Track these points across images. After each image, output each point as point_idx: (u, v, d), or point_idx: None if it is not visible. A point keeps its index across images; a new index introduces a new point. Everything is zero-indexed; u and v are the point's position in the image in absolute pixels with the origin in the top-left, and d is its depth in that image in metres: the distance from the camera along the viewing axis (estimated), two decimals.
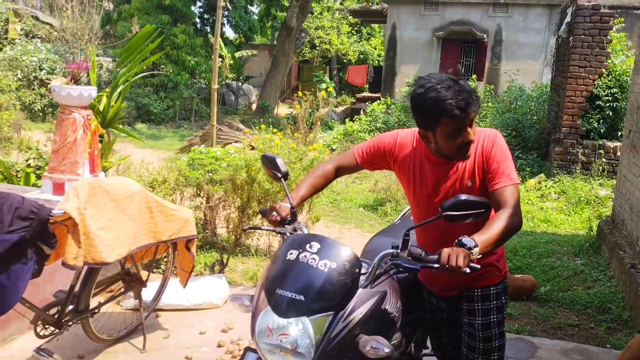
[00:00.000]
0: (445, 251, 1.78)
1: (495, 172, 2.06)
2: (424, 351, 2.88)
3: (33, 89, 13.70)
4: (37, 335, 3.03)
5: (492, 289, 2.29)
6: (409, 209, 3.48)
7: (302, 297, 1.77)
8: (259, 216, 4.70)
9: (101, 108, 4.68)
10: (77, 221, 2.71)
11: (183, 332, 3.76)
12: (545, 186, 8.61)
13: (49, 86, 6.32)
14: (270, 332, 1.77)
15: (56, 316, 3.06)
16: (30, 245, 2.60)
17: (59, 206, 2.76)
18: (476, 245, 1.79)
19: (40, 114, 13.68)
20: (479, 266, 1.78)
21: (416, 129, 2.22)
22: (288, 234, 2.16)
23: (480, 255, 1.81)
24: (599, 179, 8.62)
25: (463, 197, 1.80)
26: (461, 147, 2.05)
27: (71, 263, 2.71)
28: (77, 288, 3.15)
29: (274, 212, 2.19)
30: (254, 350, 1.94)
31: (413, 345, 2.74)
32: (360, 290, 1.89)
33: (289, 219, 2.21)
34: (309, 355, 1.74)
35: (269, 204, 4.54)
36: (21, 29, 16.06)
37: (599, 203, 7.85)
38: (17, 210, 2.54)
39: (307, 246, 1.88)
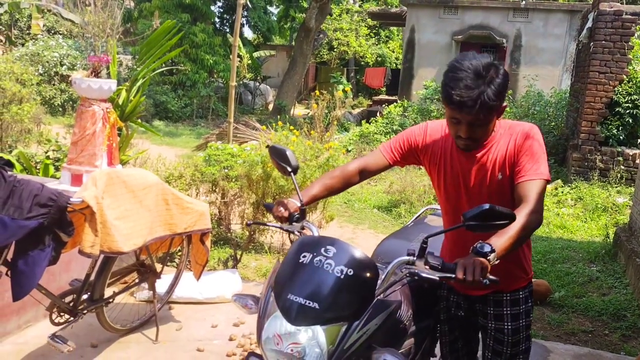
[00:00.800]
0: (461, 263, 1.68)
1: (523, 165, 1.96)
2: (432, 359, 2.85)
3: (53, 84, 13.89)
4: (52, 322, 3.08)
5: (520, 293, 2.22)
6: (423, 211, 3.44)
7: (316, 305, 1.68)
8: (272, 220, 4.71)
9: (120, 102, 4.73)
10: (94, 210, 2.75)
11: (195, 325, 3.79)
12: (562, 192, 8.53)
13: (70, 79, 6.40)
14: (279, 339, 1.68)
15: (71, 304, 3.10)
16: (48, 232, 2.64)
17: (77, 195, 2.80)
18: (493, 251, 1.70)
19: (60, 109, 13.86)
20: (497, 279, 1.68)
21: (442, 121, 2.17)
22: (296, 232, 2.08)
23: (498, 261, 1.72)
24: (616, 187, 8.52)
25: (487, 206, 1.66)
26: (456, 138, 2.01)
27: (88, 251, 2.75)
28: (92, 277, 3.19)
29: (281, 207, 2.07)
30: (258, 356, 1.87)
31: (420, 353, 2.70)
32: (375, 299, 1.80)
33: (297, 216, 2.08)
34: None
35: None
36: (44, 25, 16.28)
37: (616, 210, 7.76)
38: (36, 197, 2.58)
39: (322, 250, 1.79)
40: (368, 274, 1.78)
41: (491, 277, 1.67)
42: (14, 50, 14.57)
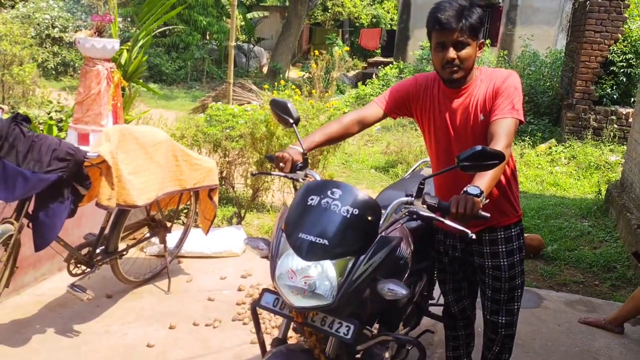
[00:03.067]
0: (454, 199, 1.82)
1: (498, 105, 2.12)
2: (430, 302, 3.01)
3: (45, 47, 13.73)
4: (70, 273, 3.21)
5: (512, 230, 2.38)
6: (418, 165, 3.56)
7: (325, 242, 1.80)
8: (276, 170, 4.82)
9: (122, 62, 4.77)
10: (110, 164, 2.85)
11: (204, 278, 3.94)
12: (556, 151, 8.67)
13: (73, 38, 6.37)
14: (294, 274, 1.79)
15: (87, 256, 3.23)
16: (66, 186, 2.75)
17: (93, 149, 2.89)
18: (482, 192, 1.84)
19: (53, 72, 13.74)
20: (488, 215, 1.84)
21: (430, 73, 2.34)
22: (300, 179, 2.18)
23: (488, 200, 1.89)
24: (609, 145, 8.67)
25: (479, 148, 1.79)
26: (443, 65, 2.13)
27: (105, 203, 2.86)
28: (107, 231, 3.31)
29: (284, 156, 2.19)
30: (272, 292, 2.00)
31: (419, 295, 2.83)
32: (379, 235, 1.93)
33: (300, 164, 2.20)
34: (332, 296, 1.78)
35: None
36: None
37: (608, 168, 7.93)
38: (55, 152, 2.67)
39: (329, 192, 1.90)
40: (372, 213, 1.90)
41: (482, 212, 1.82)
42: (4, 12, 14.33)
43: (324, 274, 1.78)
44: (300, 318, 1.90)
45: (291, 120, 2.25)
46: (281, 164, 2.17)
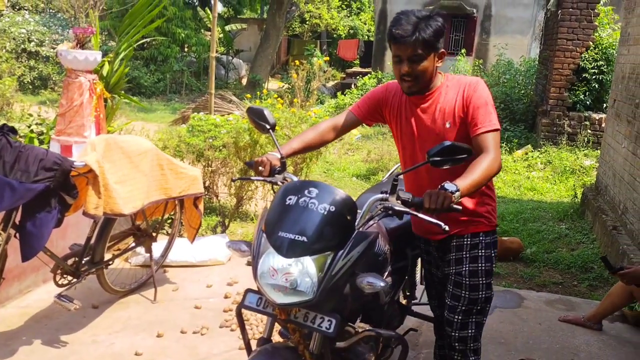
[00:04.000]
0: (427, 193, 1.87)
1: (476, 118, 2.15)
2: (413, 301, 3.07)
3: (21, 62, 13.62)
4: (56, 283, 3.21)
5: (481, 236, 2.33)
6: (396, 168, 3.60)
7: (304, 239, 1.85)
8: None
9: (104, 74, 4.78)
10: (97, 173, 2.87)
11: (191, 286, 3.96)
12: (532, 157, 8.85)
13: (55, 50, 6.35)
14: (275, 272, 1.84)
15: (74, 266, 3.23)
16: (54, 195, 2.76)
17: (79, 159, 2.91)
18: (458, 190, 1.89)
19: (30, 87, 13.62)
20: (460, 207, 1.88)
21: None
22: (279, 182, 2.23)
23: (461, 199, 1.93)
24: (584, 150, 8.88)
25: (448, 143, 1.87)
26: (400, 78, 2.19)
27: (92, 212, 2.88)
28: (93, 240, 3.32)
29: (262, 164, 2.24)
30: (255, 291, 2.04)
31: (402, 294, 2.87)
32: (356, 231, 1.98)
33: (279, 168, 2.26)
34: (312, 292, 1.83)
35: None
36: (8, 1, 15.86)
37: (583, 172, 8.12)
38: (42, 162, 2.69)
39: (306, 191, 1.96)
40: (348, 209, 1.96)
41: (454, 205, 1.87)
42: None
43: (304, 270, 1.83)
44: (283, 315, 1.95)
45: (267, 126, 2.32)
46: (260, 168, 2.23)
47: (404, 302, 2.93)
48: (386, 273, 2.33)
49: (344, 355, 2.18)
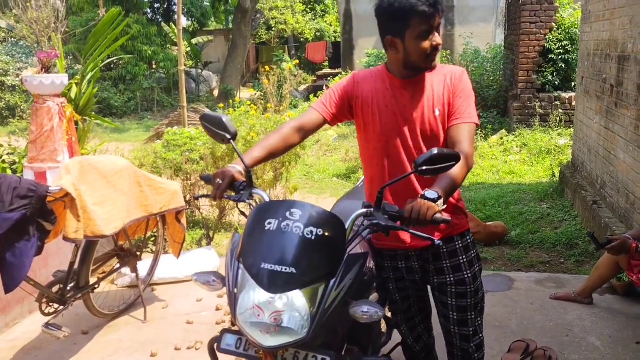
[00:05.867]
0: (409, 204, 1.71)
1: (457, 108, 2.04)
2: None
3: None
4: (43, 313, 3.14)
5: (468, 237, 2.20)
6: None
7: (292, 270, 1.65)
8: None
9: (73, 96, 4.72)
10: (74, 196, 2.82)
11: (180, 302, 3.91)
12: (507, 141, 8.95)
13: (20, 77, 6.23)
14: (260, 310, 1.63)
15: (59, 293, 3.17)
16: (31, 223, 2.70)
17: (54, 183, 2.85)
18: (440, 197, 1.73)
19: None
20: (449, 218, 1.75)
21: (372, 69, 2.21)
22: (246, 200, 1.96)
23: (445, 206, 1.78)
24: (557, 129, 9.01)
25: (436, 151, 1.69)
26: (430, 53, 1.99)
27: (72, 237, 2.82)
28: (76, 265, 3.26)
29: (218, 179, 1.93)
30: (232, 332, 1.84)
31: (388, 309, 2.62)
32: (347, 254, 1.80)
33: (244, 183, 1.96)
34: (304, 330, 1.64)
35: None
36: None
37: (559, 152, 8.23)
38: (16, 190, 2.63)
39: (287, 213, 1.75)
40: (337, 231, 1.78)
41: (442, 217, 1.71)
42: None
43: (294, 305, 1.63)
44: (270, 358, 1.73)
45: (228, 136, 2.02)
46: (218, 181, 1.92)
47: (389, 314, 2.64)
48: (372, 291, 2.15)
49: None
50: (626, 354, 3.15)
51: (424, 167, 1.70)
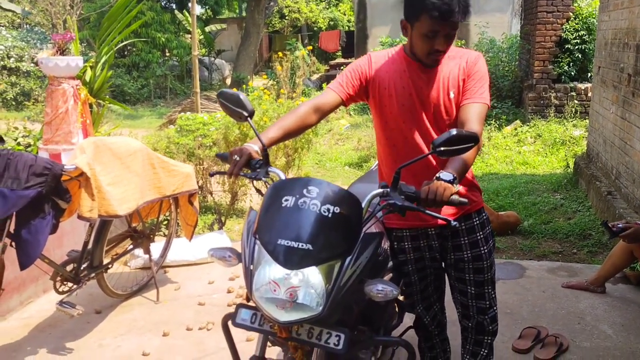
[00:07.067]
0: (425, 185, 1.73)
1: (469, 89, 2.06)
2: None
3: (2, 78, 13.49)
4: (57, 291, 3.18)
5: (483, 214, 2.26)
6: None
7: (309, 246, 1.65)
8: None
9: (87, 79, 4.74)
10: (88, 175, 2.84)
11: (193, 284, 3.94)
12: (522, 131, 8.88)
13: (35, 59, 6.27)
14: (276, 285, 1.64)
15: (73, 272, 3.20)
16: (47, 201, 2.73)
17: (69, 162, 2.88)
18: (455, 178, 1.74)
19: (13, 103, 13.50)
20: (466, 200, 1.75)
21: (385, 50, 2.22)
22: (262, 178, 1.96)
23: (460, 187, 1.81)
24: (572, 120, 8.92)
25: (454, 132, 1.69)
26: (430, 53, 2.00)
27: (87, 215, 2.85)
28: (90, 245, 3.29)
29: (236, 155, 1.94)
30: (248, 307, 1.85)
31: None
32: (362, 233, 1.80)
33: (260, 161, 1.97)
34: (319, 306, 1.64)
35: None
36: None
37: (573, 143, 8.15)
38: (32, 168, 2.65)
39: (304, 191, 1.75)
40: (353, 210, 1.78)
41: (460, 198, 1.73)
42: None
43: (310, 282, 1.64)
44: (284, 333, 1.75)
45: (245, 114, 2.02)
46: (235, 157, 1.93)
47: (401, 298, 2.66)
48: (386, 272, 2.17)
49: None
50: (638, 342, 3.12)
51: (442, 148, 1.70)
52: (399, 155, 2.15)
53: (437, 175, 1.76)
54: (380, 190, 1.84)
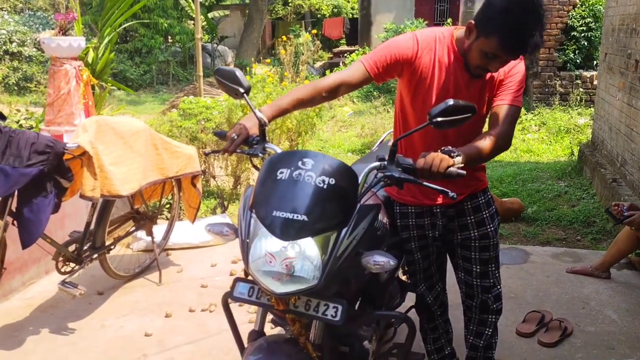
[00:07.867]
0: (422, 154, 1.72)
1: (503, 90, 2.03)
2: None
3: (4, 63, 13.44)
4: (59, 271, 3.17)
5: (488, 193, 2.27)
6: (386, 135, 3.31)
7: (304, 217, 1.63)
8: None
9: (90, 60, 4.70)
10: (91, 154, 2.82)
11: (195, 267, 3.93)
12: (526, 119, 8.83)
13: (38, 39, 6.22)
14: (272, 257, 1.63)
15: (75, 252, 3.19)
16: (49, 179, 2.71)
17: (71, 140, 2.85)
18: (459, 154, 1.74)
19: (16, 88, 13.46)
20: (465, 172, 1.71)
21: (433, 31, 2.11)
22: (259, 154, 1.95)
23: (462, 165, 1.75)
24: (577, 109, 8.86)
25: (451, 101, 1.67)
26: (479, 67, 1.97)
27: (89, 194, 2.83)
28: (92, 225, 3.27)
29: (234, 134, 1.94)
30: (245, 280, 1.84)
31: (401, 271, 2.65)
32: (359, 205, 1.78)
33: (257, 137, 1.97)
34: (316, 277, 1.64)
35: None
36: None
37: (578, 131, 8.11)
38: (34, 145, 2.63)
39: (299, 163, 1.72)
40: (349, 181, 1.76)
41: (458, 170, 1.71)
42: None
43: (305, 253, 1.63)
44: (282, 305, 1.74)
45: (241, 90, 2.00)
46: (233, 135, 1.93)
47: (403, 278, 2.68)
48: (384, 248, 2.13)
49: (345, 341, 2.00)
50: None
51: (439, 119, 1.68)
52: (420, 143, 2.12)
53: (443, 148, 1.74)
54: (378, 163, 1.81)
